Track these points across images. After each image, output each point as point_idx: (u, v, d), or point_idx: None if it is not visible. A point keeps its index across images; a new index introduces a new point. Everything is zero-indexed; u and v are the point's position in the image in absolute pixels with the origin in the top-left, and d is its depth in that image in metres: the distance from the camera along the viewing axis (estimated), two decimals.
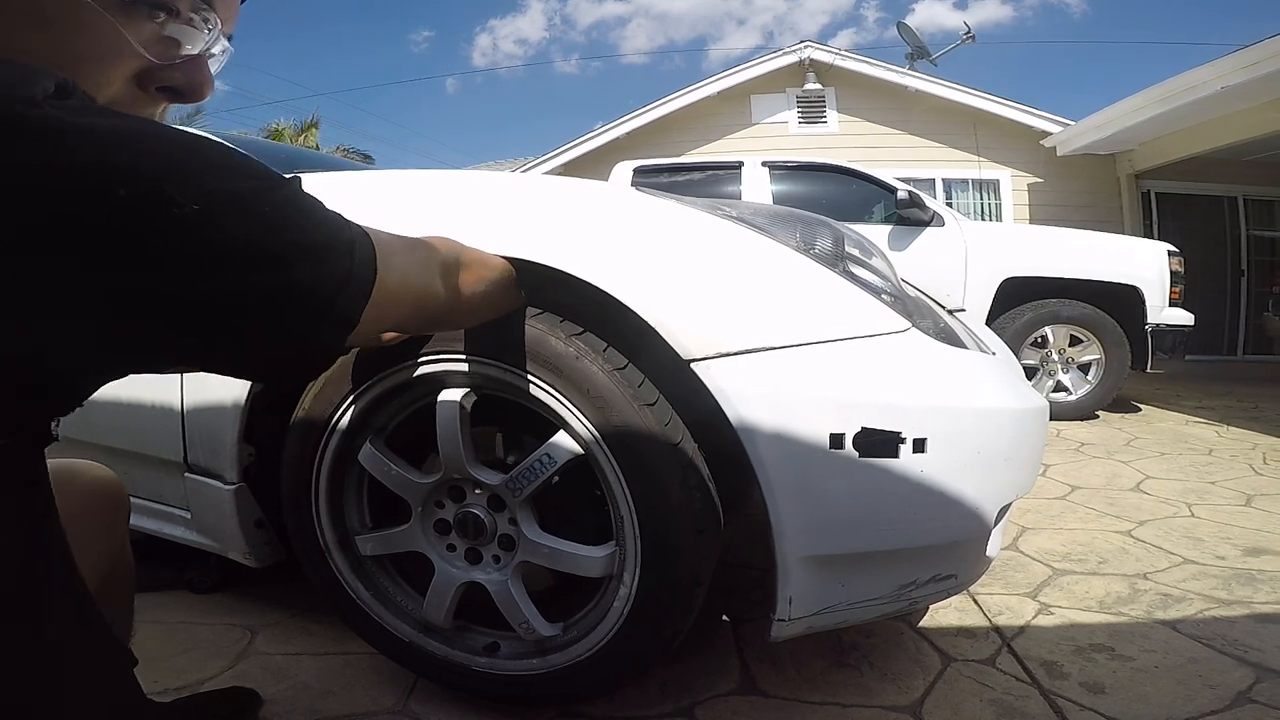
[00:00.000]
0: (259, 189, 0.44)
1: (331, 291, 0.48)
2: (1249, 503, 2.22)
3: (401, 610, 1.08)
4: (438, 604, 1.02)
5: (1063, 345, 3.82)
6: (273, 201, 0.45)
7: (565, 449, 0.93)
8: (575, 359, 0.90)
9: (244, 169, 0.44)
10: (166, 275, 0.40)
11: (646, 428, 0.89)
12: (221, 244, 0.42)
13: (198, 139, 0.44)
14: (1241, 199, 7.25)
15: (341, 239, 0.50)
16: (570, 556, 0.96)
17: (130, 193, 0.37)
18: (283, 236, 0.45)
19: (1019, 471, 1.00)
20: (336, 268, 0.49)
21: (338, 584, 1.07)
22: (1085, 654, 1.23)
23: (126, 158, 0.38)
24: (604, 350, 0.92)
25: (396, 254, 0.56)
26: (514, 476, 0.95)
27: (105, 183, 0.37)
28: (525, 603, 0.99)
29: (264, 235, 0.44)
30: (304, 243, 0.46)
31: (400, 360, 0.97)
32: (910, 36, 8.47)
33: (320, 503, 1.05)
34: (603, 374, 0.90)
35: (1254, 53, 4.66)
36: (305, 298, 0.47)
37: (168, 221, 0.39)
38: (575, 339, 0.91)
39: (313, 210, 0.48)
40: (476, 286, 0.74)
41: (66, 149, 0.36)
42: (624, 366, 0.92)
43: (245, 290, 0.43)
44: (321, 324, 0.49)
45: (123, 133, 0.39)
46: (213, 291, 0.42)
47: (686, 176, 4.45)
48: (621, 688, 1.05)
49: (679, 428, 0.92)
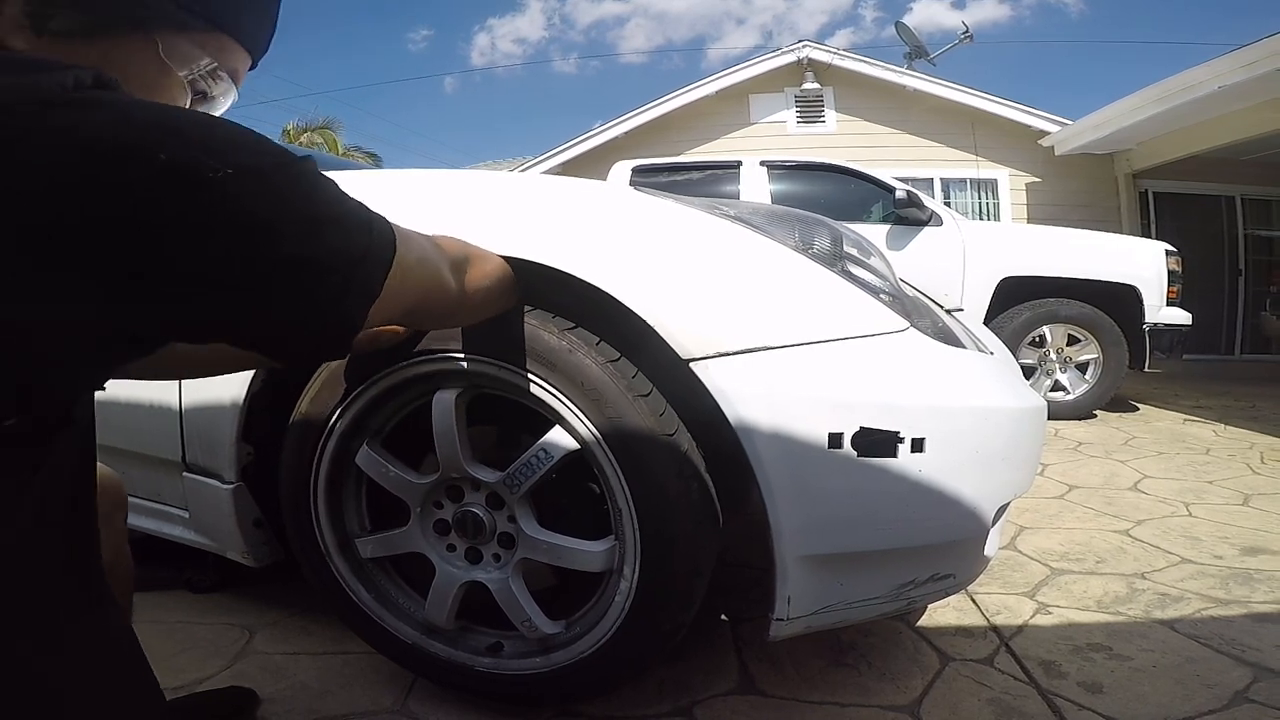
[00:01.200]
0: (280, 164, 0.46)
1: (352, 263, 0.50)
2: (1246, 502, 2.22)
3: (403, 612, 1.08)
4: (439, 605, 1.02)
5: (1061, 345, 3.83)
6: (293, 175, 0.46)
7: (561, 444, 0.93)
8: (569, 353, 0.90)
9: (263, 145, 0.46)
10: (197, 240, 0.42)
11: (641, 419, 0.89)
12: (250, 212, 0.43)
13: (218, 118, 0.47)
14: (1239, 198, 7.26)
15: (360, 215, 0.52)
16: (570, 552, 0.96)
17: (170, 158, 0.40)
18: (305, 209, 0.47)
19: (1017, 471, 1.00)
20: (357, 240, 0.51)
21: (338, 586, 1.07)
22: (1083, 653, 1.24)
23: (163, 129, 0.41)
24: (596, 344, 0.92)
25: (412, 239, 0.58)
26: (511, 473, 0.95)
27: (148, 149, 0.39)
28: (527, 601, 0.99)
29: (288, 206, 0.46)
30: (325, 215, 0.48)
31: (395, 361, 0.97)
32: (908, 36, 8.47)
33: (319, 505, 1.05)
34: (596, 367, 0.90)
35: (1252, 52, 4.67)
36: (329, 268, 0.49)
37: (205, 187, 0.41)
38: (568, 333, 0.91)
39: (330, 187, 0.50)
40: (481, 283, 0.75)
41: (110, 121, 0.39)
42: (617, 359, 0.92)
43: (273, 258, 0.45)
44: (346, 296, 0.50)
45: (157, 109, 0.43)
46: (242, 258, 0.44)
47: (685, 176, 4.45)
48: (623, 685, 1.05)
49: (673, 419, 0.92)
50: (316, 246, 0.47)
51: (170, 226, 0.41)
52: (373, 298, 0.52)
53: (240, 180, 0.42)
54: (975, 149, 7.30)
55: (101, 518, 0.76)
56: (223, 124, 0.46)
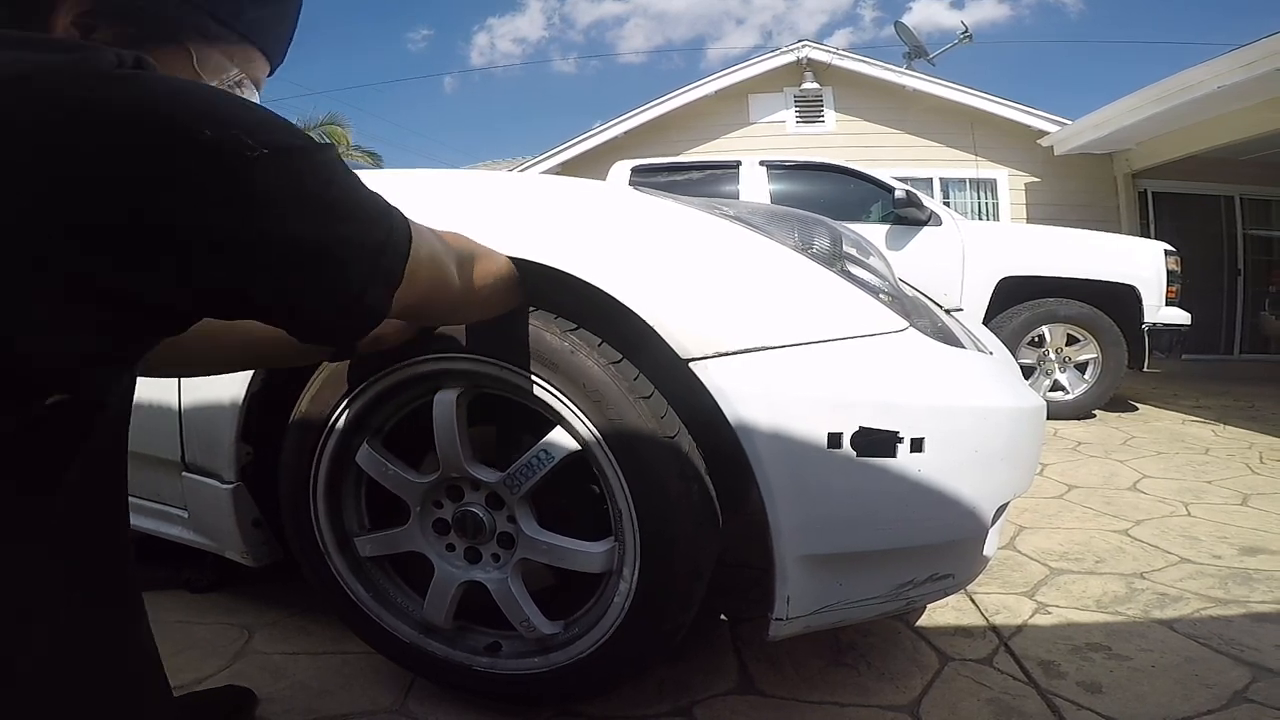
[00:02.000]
0: (308, 147, 0.48)
1: (377, 247, 0.52)
2: (1245, 502, 2.22)
3: (401, 611, 1.08)
4: (438, 604, 1.02)
5: (1060, 344, 3.83)
6: (321, 160, 0.48)
7: (562, 445, 0.93)
8: (570, 353, 0.90)
9: (292, 129, 0.47)
10: (237, 213, 0.44)
11: (643, 422, 0.89)
12: (283, 189, 0.45)
13: (249, 101, 0.50)
14: (1238, 198, 7.26)
15: (380, 202, 0.54)
16: (570, 553, 0.96)
17: (215, 135, 0.42)
18: (332, 192, 0.49)
19: (1016, 471, 1.00)
20: (379, 226, 0.53)
21: (337, 585, 1.07)
22: (1082, 653, 1.24)
23: (205, 105, 0.44)
24: (599, 345, 0.92)
25: (423, 231, 0.59)
26: (512, 473, 0.95)
27: (192, 124, 0.42)
28: (526, 601, 0.99)
29: (319, 187, 0.48)
30: (351, 200, 0.50)
31: (397, 360, 0.97)
32: (907, 36, 8.47)
33: (318, 505, 1.05)
34: (598, 368, 0.90)
35: (1250, 52, 4.67)
36: (357, 250, 0.51)
37: (245, 163, 0.43)
38: (570, 334, 0.91)
39: (351, 174, 0.52)
40: (486, 280, 0.76)
41: (153, 96, 0.42)
42: (618, 361, 0.92)
43: (303, 235, 0.47)
44: (374, 278, 0.52)
45: (195, 87, 0.46)
46: (279, 233, 0.46)
47: (684, 176, 4.44)
48: (623, 685, 1.05)
49: (675, 421, 0.92)
50: (348, 227, 0.49)
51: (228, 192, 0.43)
52: (397, 281, 0.53)
53: (279, 155, 0.44)
54: (974, 149, 7.30)
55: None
56: (257, 107, 0.48)
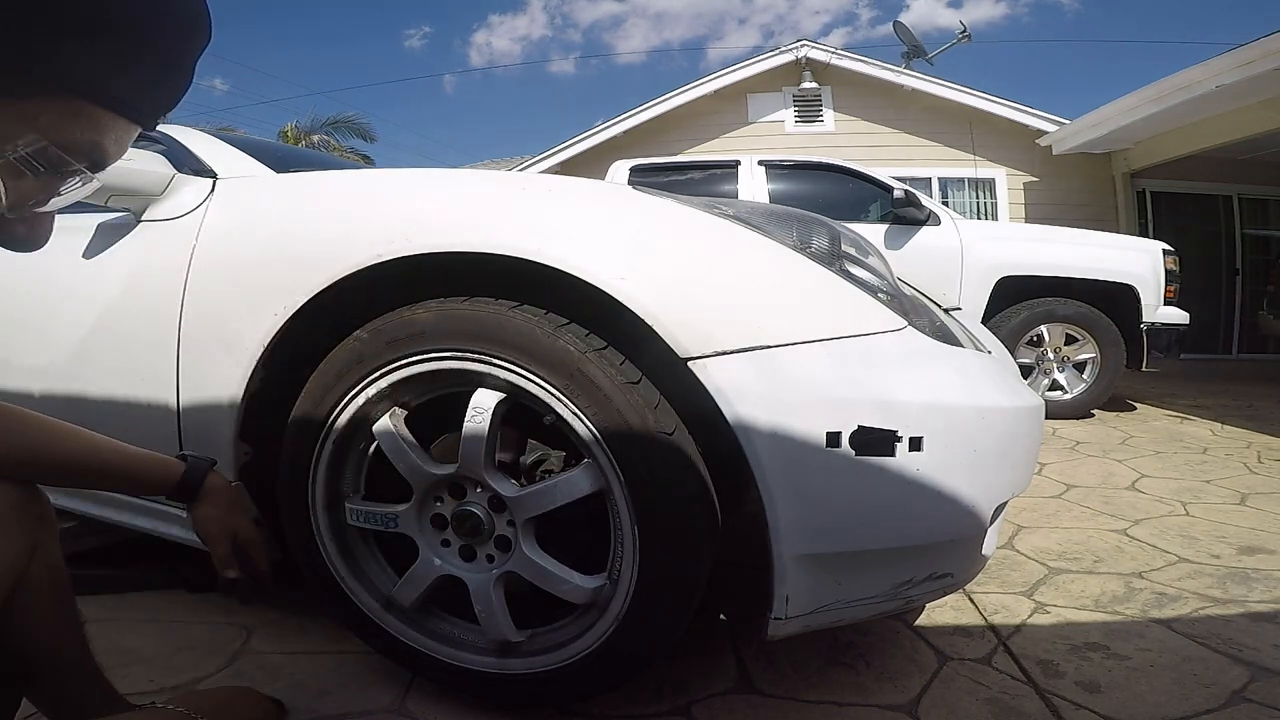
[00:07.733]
0: None
1: None
2: (1244, 501, 2.22)
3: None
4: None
5: (1058, 344, 3.83)
6: None
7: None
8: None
9: None
10: None
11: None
12: None
13: None
14: (1236, 198, 7.27)
15: None
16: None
17: None
18: None
19: (1015, 470, 1.00)
20: None
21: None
22: (1081, 653, 1.24)
23: None
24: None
25: None
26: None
27: None
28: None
29: None
30: None
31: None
32: (905, 35, 8.47)
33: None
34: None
35: (1249, 52, 4.68)
36: None
37: None
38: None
39: None
40: None
41: None
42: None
43: None
44: None
45: None
46: None
47: (683, 175, 4.45)
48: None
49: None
50: None
51: None
52: None
53: None
54: (973, 148, 7.31)
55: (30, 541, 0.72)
56: None
